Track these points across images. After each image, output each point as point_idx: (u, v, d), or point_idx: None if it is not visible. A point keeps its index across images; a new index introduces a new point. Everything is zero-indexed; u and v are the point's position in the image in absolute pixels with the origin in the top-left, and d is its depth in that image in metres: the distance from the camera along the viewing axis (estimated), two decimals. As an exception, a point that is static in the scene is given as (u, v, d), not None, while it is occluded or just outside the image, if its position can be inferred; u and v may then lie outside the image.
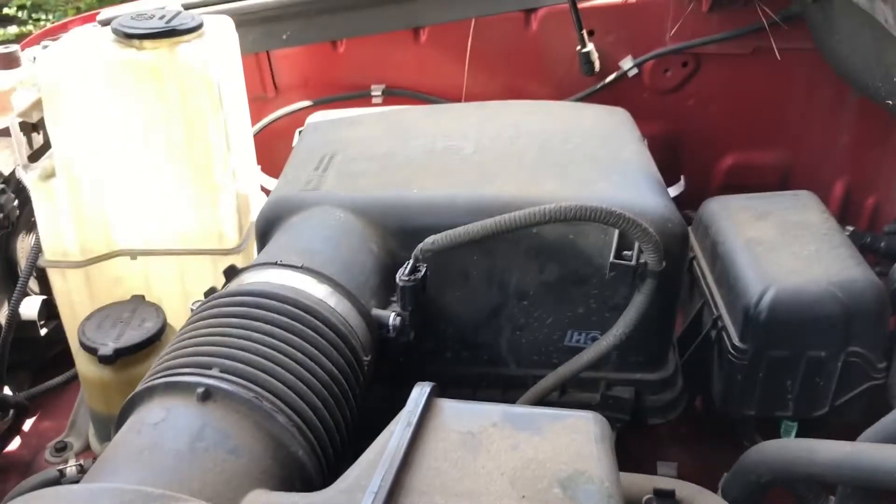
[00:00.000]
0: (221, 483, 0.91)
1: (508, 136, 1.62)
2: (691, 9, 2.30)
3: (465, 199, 1.40)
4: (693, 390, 1.62)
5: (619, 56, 2.39)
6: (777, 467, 1.18)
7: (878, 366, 1.50)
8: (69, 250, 1.68)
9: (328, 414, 1.09)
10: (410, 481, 0.90)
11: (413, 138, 1.64)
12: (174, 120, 1.58)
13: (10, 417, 1.84)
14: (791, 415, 1.55)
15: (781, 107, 2.41)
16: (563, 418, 1.00)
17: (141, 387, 1.06)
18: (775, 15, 2.22)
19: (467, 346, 1.47)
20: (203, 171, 1.63)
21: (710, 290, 1.66)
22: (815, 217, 1.67)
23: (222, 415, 0.99)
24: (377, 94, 2.44)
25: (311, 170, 1.54)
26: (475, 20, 2.34)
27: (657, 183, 1.48)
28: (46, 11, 6.23)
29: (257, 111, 2.24)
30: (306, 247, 1.33)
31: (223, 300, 1.18)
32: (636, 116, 1.79)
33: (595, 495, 0.88)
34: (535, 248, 1.37)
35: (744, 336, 1.50)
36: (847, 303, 1.46)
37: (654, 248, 1.27)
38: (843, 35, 1.95)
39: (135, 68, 1.55)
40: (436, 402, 1.02)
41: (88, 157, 1.61)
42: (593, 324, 1.42)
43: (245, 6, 2.24)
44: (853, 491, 1.19)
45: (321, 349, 1.13)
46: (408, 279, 1.28)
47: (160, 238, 1.69)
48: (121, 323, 1.56)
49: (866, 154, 2.34)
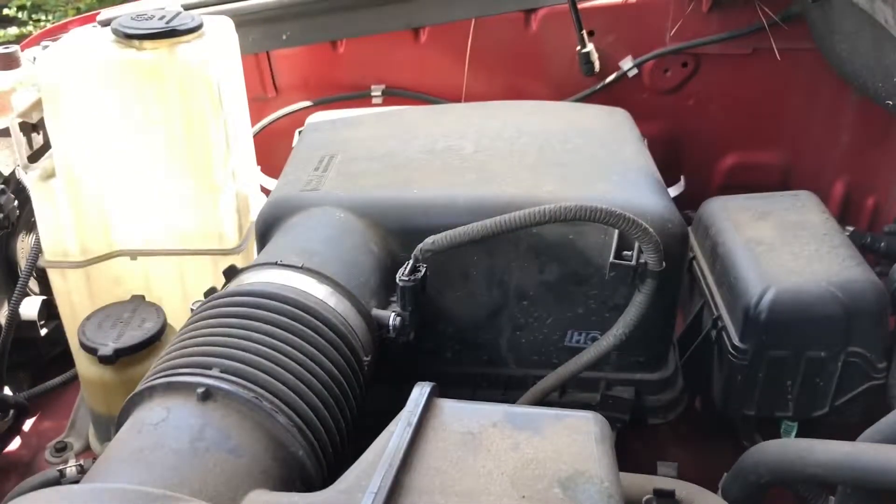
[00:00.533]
0: (222, 483, 0.91)
1: (508, 137, 1.62)
2: (691, 9, 2.30)
3: (465, 199, 1.40)
4: (693, 390, 1.62)
5: (619, 56, 2.39)
6: (777, 467, 1.18)
7: (878, 366, 1.50)
8: (69, 250, 1.68)
9: (328, 414, 1.09)
10: (410, 481, 0.90)
11: (413, 138, 1.64)
12: (174, 120, 1.58)
13: (10, 417, 1.84)
14: (791, 415, 1.55)
15: (781, 107, 2.41)
16: (564, 418, 1.00)
17: (141, 387, 1.06)
18: (775, 15, 2.22)
19: (467, 346, 1.47)
20: (203, 171, 1.63)
21: (710, 290, 1.66)
22: (815, 217, 1.67)
23: (222, 415, 0.99)
24: (377, 95, 2.44)
25: (311, 170, 1.54)
26: (475, 20, 2.34)
27: (657, 183, 1.48)
28: (46, 12, 6.23)
29: (257, 111, 2.24)
30: (306, 247, 1.33)
31: (223, 300, 1.18)
32: (636, 116, 1.79)
33: (595, 495, 0.88)
34: (535, 248, 1.37)
35: (744, 336, 1.50)
36: (847, 303, 1.46)
37: (654, 248, 1.27)
38: (843, 35, 1.95)
39: (135, 69, 1.55)
40: (436, 402, 1.02)
41: (88, 158, 1.61)
42: (593, 324, 1.42)
43: (245, 6, 2.24)
44: (853, 491, 1.19)
45: (321, 349, 1.13)
46: (408, 279, 1.28)
47: (160, 238, 1.69)
48: (121, 323, 1.56)
49: (866, 154, 2.34)
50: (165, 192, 1.64)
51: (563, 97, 2.38)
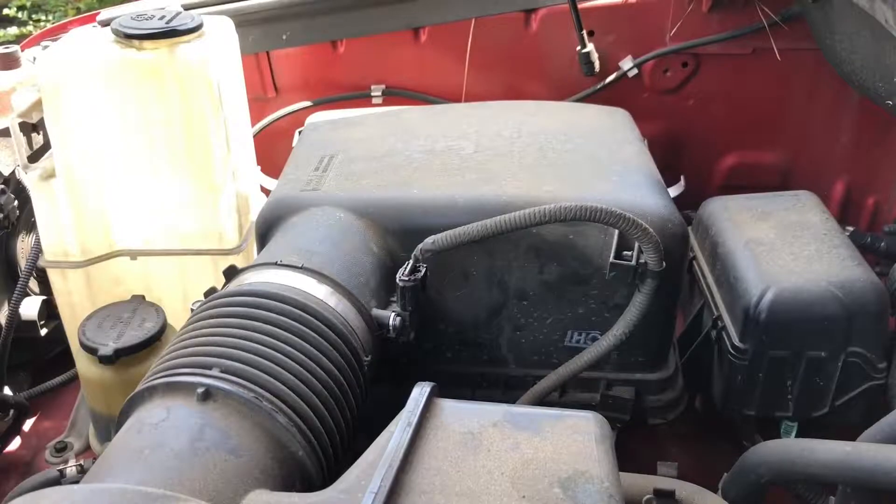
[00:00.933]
0: (221, 483, 0.91)
1: (508, 137, 1.62)
2: (691, 9, 2.30)
3: (465, 199, 1.40)
4: (693, 390, 1.62)
5: (619, 56, 2.39)
6: (777, 467, 1.18)
7: (878, 366, 1.49)
8: (69, 250, 1.68)
9: (328, 414, 1.09)
10: (410, 481, 0.90)
11: (413, 138, 1.64)
12: (174, 120, 1.58)
13: (10, 417, 1.84)
14: (791, 415, 1.55)
15: (781, 107, 2.41)
16: (564, 418, 1.00)
17: (141, 387, 1.06)
18: (775, 15, 2.22)
19: (467, 345, 1.47)
20: (203, 171, 1.63)
21: (710, 291, 1.66)
22: (815, 217, 1.67)
23: (222, 415, 0.99)
24: (377, 95, 2.44)
25: (311, 170, 1.54)
26: (475, 20, 2.34)
27: (657, 183, 1.48)
28: (46, 12, 6.24)
29: (257, 111, 2.24)
30: (306, 247, 1.33)
31: (223, 300, 1.18)
32: (636, 116, 1.79)
33: (595, 495, 0.88)
34: (535, 248, 1.37)
35: (744, 336, 1.50)
36: (847, 303, 1.45)
37: (655, 248, 1.27)
38: (843, 35, 1.95)
39: (135, 69, 1.55)
40: (436, 402, 1.02)
41: (88, 158, 1.61)
42: (593, 324, 1.42)
43: (245, 6, 2.24)
44: (853, 491, 1.19)
45: (321, 349, 1.13)
46: (408, 279, 1.28)
47: (160, 238, 1.69)
48: (121, 323, 1.56)
49: (866, 154, 2.34)
50: (165, 192, 1.64)
51: (563, 97, 2.38)
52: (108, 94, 1.56)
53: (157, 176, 1.63)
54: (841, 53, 2.00)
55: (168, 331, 1.56)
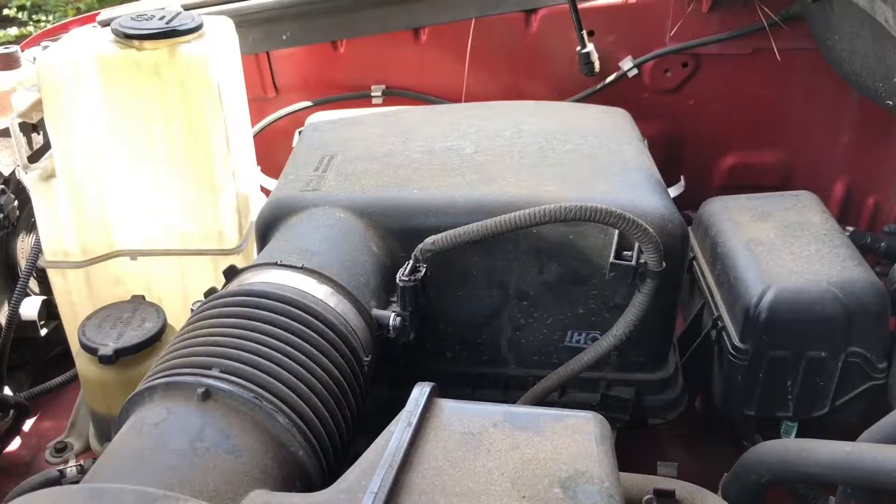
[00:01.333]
0: (221, 483, 0.91)
1: (508, 137, 1.62)
2: (691, 9, 2.30)
3: (465, 199, 1.40)
4: (693, 390, 1.62)
5: (619, 56, 2.39)
6: (777, 467, 1.18)
7: (879, 366, 1.50)
8: (69, 251, 1.68)
9: (328, 414, 1.09)
10: (411, 481, 0.90)
11: (413, 139, 1.64)
12: (174, 120, 1.58)
13: (10, 418, 1.84)
14: (791, 415, 1.55)
15: (781, 107, 2.41)
16: (564, 418, 1.00)
17: (141, 387, 1.06)
18: (775, 15, 2.22)
19: (467, 346, 1.47)
20: (203, 171, 1.63)
21: (710, 291, 1.66)
22: (815, 217, 1.67)
23: (222, 415, 0.99)
24: (377, 95, 2.44)
25: (311, 170, 1.54)
26: (475, 20, 2.34)
27: (657, 183, 1.48)
28: (46, 12, 6.24)
29: (257, 111, 2.25)
30: (306, 247, 1.33)
31: (223, 300, 1.18)
32: (636, 116, 1.79)
33: (595, 495, 0.88)
34: (535, 248, 1.37)
35: (744, 336, 1.50)
36: (847, 303, 1.46)
37: (655, 248, 1.27)
38: (843, 35, 1.95)
39: (135, 69, 1.55)
40: (436, 402, 1.02)
41: (88, 158, 1.61)
42: (593, 324, 1.42)
43: (245, 6, 2.24)
44: (853, 491, 1.19)
45: (321, 349, 1.13)
46: (408, 279, 1.28)
47: (160, 238, 1.69)
48: (121, 323, 1.56)
49: (866, 154, 2.34)
50: (165, 192, 1.64)
51: (563, 97, 2.38)
52: (108, 95, 1.56)
53: (157, 176, 1.63)
54: (841, 53, 2.00)
55: (168, 331, 1.56)
